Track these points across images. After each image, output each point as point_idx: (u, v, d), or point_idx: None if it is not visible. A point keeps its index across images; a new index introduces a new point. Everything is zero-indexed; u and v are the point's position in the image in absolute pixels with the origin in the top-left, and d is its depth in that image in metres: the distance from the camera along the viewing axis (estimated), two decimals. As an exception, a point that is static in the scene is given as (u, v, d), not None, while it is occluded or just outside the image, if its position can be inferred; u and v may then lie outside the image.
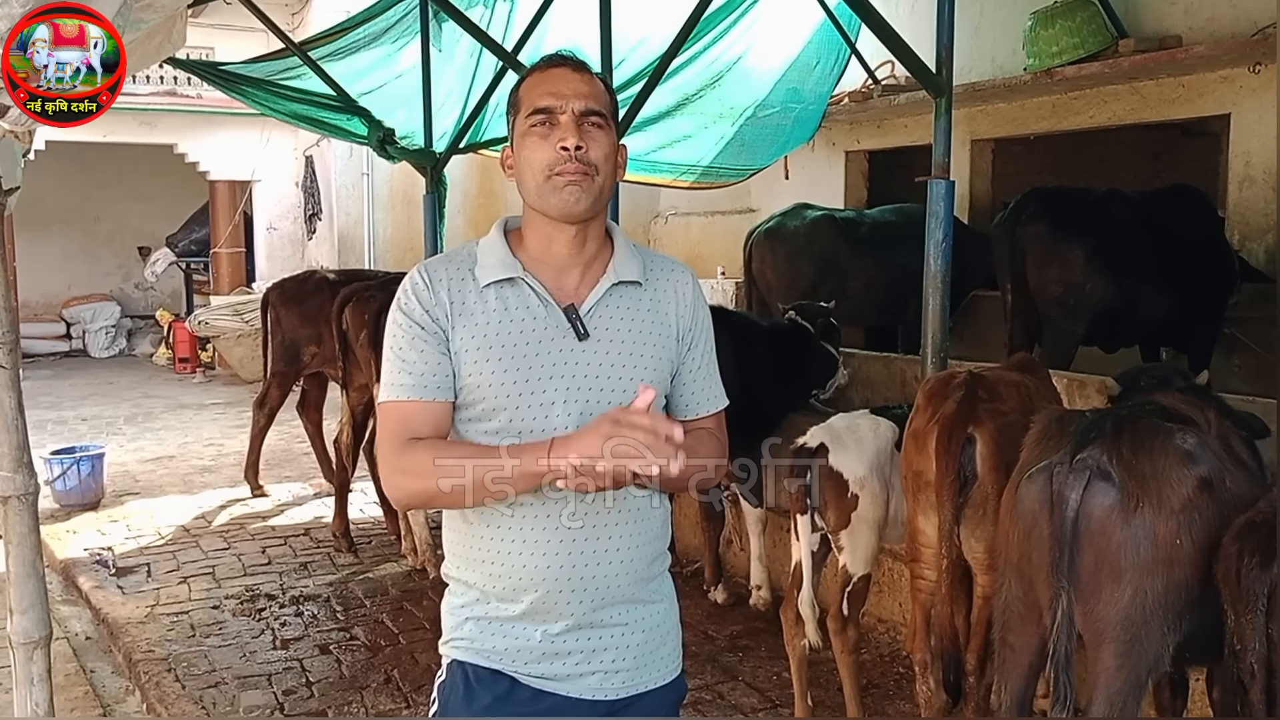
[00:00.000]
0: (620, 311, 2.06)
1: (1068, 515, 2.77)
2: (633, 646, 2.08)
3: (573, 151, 1.95)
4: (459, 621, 2.10)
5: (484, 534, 2.02)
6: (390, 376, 2.03)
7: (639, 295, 2.09)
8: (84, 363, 16.01)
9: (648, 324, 2.08)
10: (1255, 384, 5.64)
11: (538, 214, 2.04)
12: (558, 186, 1.97)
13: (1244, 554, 2.60)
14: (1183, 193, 6.32)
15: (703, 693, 4.53)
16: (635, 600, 2.09)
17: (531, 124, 1.99)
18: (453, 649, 2.11)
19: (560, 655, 2.03)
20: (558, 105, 1.97)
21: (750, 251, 7.70)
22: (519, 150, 2.03)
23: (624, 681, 2.07)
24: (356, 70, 8.30)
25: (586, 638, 2.04)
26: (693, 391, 2.18)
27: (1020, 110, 8.03)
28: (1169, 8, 6.89)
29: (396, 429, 2.00)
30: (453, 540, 2.12)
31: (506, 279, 2.02)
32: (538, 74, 2.04)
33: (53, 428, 10.40)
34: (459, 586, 2.11)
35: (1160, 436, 2.82)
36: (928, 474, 3.55)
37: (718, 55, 7.68)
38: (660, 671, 2.14)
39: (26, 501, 3.08)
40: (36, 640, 3.12)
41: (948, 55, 4.63)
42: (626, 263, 2.09)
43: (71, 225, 17.11)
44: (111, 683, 5.05)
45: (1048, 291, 6.10)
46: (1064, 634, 2.77)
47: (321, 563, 6.39)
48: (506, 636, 2.04)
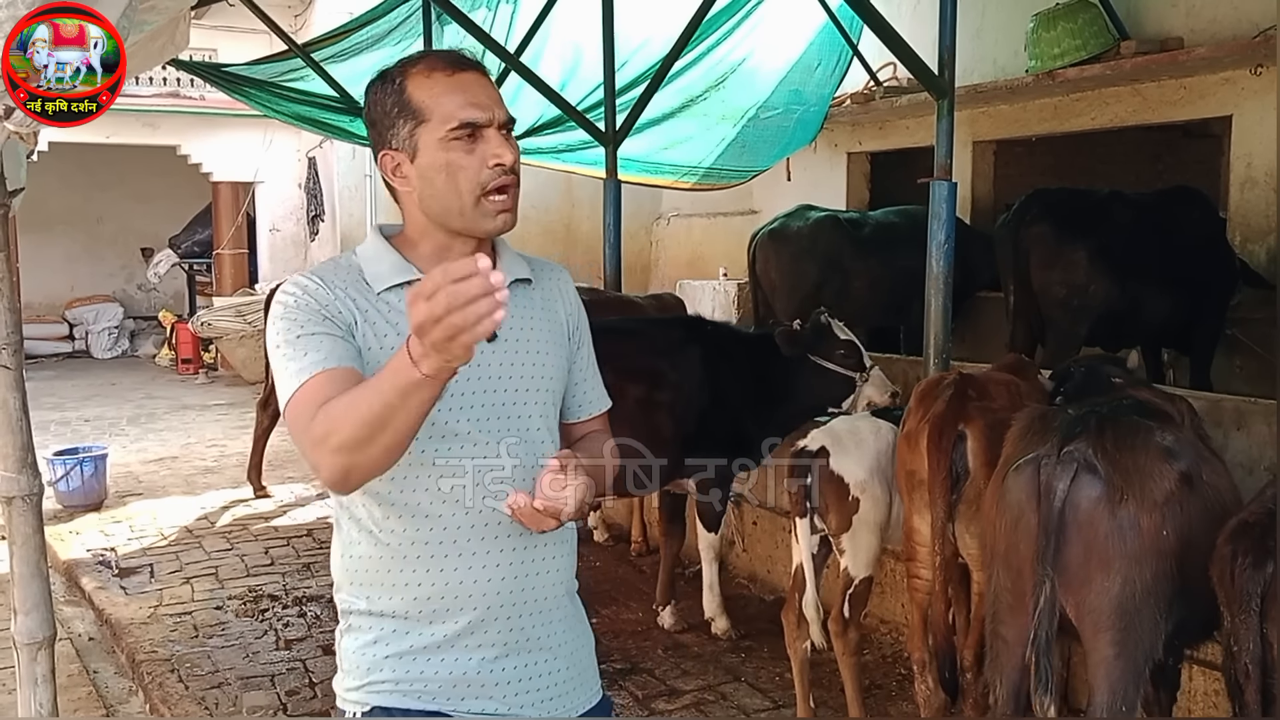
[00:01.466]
0: (519, 311, 1.95)
1: (1055, 505, 2.84)
2: (563, 670, 1.99)
3: (510, 167, 1.84)
4: (374, 662, 1.88)
5: (409, 551, 1.86)
6: (292, 365, 1.76)
7: (531, 295, 2.01)
8: (87, 364, 16.03)
9: (544, 323, 2.01)
10: (1257, 385, 5.64)
11: (437, 227, 1.91)
12: (490, 212, 1.85)
13: (1238, 555, 2.63)
14: (1184, 194, 6.33)
15: (705, 693, 4.53)
16: (565, 616, 2.00)
17: (454, 137, 1.82)
18: (369, 694, 1.89)
19: (499, 685, 1.90)
20: (483, 118, 1.83)
21: (754, 253, 7.70)
22: (432, 165, 1.85)
23: (560, 708, 1.98)
24: (359, 72, 8.30)
25: (523, 663, 1.92)
26: (584, 391, 2.12)
27: (1022, 112, 8.03)
28: (1170, 9, 6.89)
29: (310, 409, 1.69)
30: (358, 566, 1.91)
31: (404, 283, 1.87)
32: (442, 78, 1.85)
33: (56, 429, 10.41)
34: (366, 621, 1.90)
35: (1142, 434, 2.92)
36: (920, 472, 3.57)
37: (722, 56, 7.69)
38: (589, 693, 2.05)
39: (30, 502, 3.09)
40: (40, 641, 3.13)
41: (950, 57, 4.64)
42: (513, 261, 2.00)
43: (75, 226, 17.14)
44: (115, 683, 5.06)
45: (1051, 293, 6.10)
46: (1045, 619, 2.83)
47: (324, 563, 6.38)
48: (440, 667, 1.87)
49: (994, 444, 3.40)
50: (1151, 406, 3.18)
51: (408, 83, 1.86)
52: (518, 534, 1.87)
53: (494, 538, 1.87)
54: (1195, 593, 2.84)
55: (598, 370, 2.15)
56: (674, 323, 5.72)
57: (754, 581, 5.83)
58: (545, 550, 1.94)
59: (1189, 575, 2.83)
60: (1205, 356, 6.09)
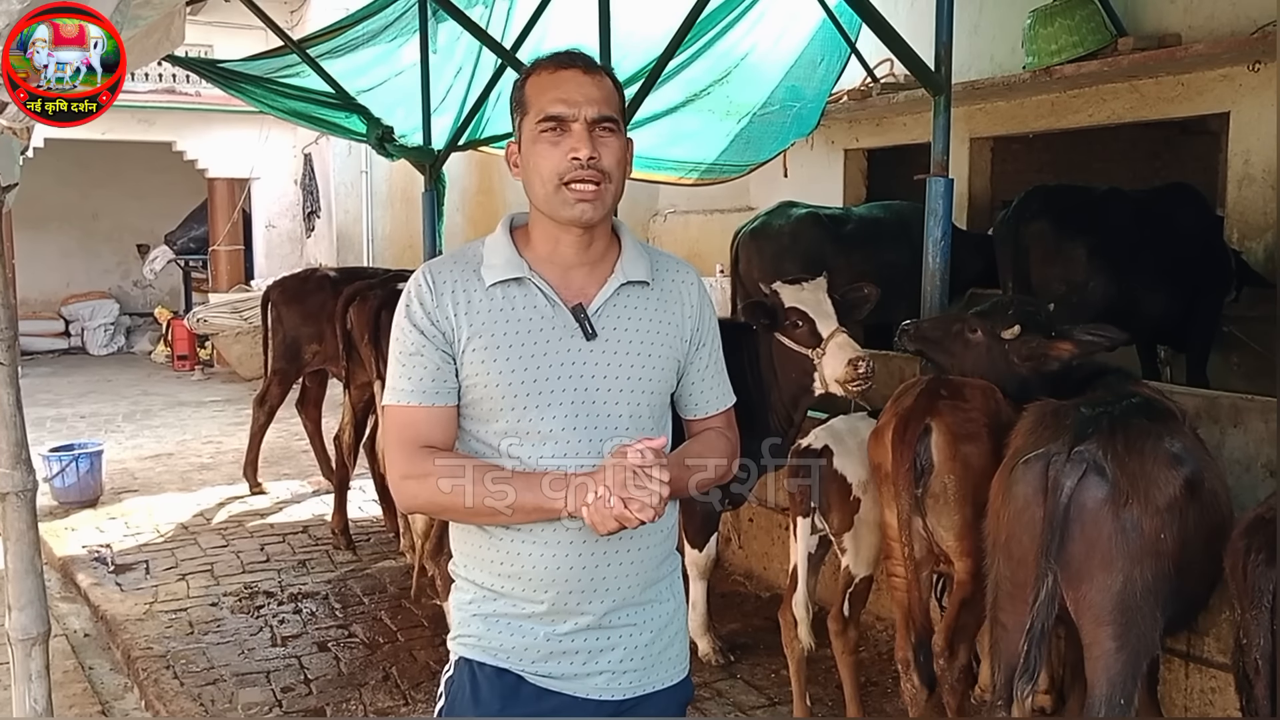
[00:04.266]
0: (628, 311, 2.05)
1: (1061, 501, 2.90)
2: (640, 647, 2.08)
3: (585, 161, 1.94)
4: (466, 618, 2.09)
5: (495, 536, 2.02)
6: (393, 380, 2.04)
7: (647, 295, 2.09)
8: (82, 360, 16.00)
9: (655, 324, 2.08)
10: (1254, 383, 5.64)
11: (545, 216, 2.02)
12: (569, 200, 1.96)
13: (1251, 550, 2.68)
14: (1181, 191, 6.33)
15: (702, 690, 4.53)
16: (645, 601, 2.08)
17: (542, 130, 1.97)
18: (460, 645, 2.10)
19: (567, 654, 2.03)
20: (570, 114, 1.95)
21: (736, 251, 7.66)
22: (528, 154, 2.01)
23: (631, 682, 2.07)
24: (355, 68, 8.29)
25: (595, 637, 2.04)
26: (701, 391, 2.18)
27: (1019, 108, 8.03)
28: (1168, 6, 6.89)
29: (403, 435, 2.02)
30: (461, 540, 2.11)
31: (513, 278, 2.01)
32: (546, 75, 2.00)
33: (51, 425, 10.40)
34: (466, 584, 2.10)
35: (1151, 439, 2.99)
36: (886, 465, 3.57)
37: (726, 50, 7.66)
38: (668, 672, 2.14)
39: (25, 498, 3.09)
40: (35, 637, 3.13)
41: (946, 53, 4.64)
42: (634, 262, 2.08)
43: (70, 223, 17.10)
44: (110, 679, 5.05)
45: (1050, 289, 6.09)
46: (1044, 611, 2.89)
47: (320, 560, 6.38)
48: (514, 634, 2.03)
49: (960, 439, 3.46)
50: (1158, 406, 3.23)
51: (527, 79, 2.04)
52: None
53: (566, 529, 1.98)
54: (1185, 590, 2.96)
55: (724, 368, 2.23)
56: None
57: (750, 578, 5.82)
58: (622, 544, 2.01)
59: (1183, 574, 2.93)
60: (1202, 353, 6.10)
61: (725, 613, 5.34)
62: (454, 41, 8.08)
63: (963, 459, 3.46)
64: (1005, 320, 3.86)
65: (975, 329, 3.91)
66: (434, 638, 4.94)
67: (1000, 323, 3.86)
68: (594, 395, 2.00)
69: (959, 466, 3.46)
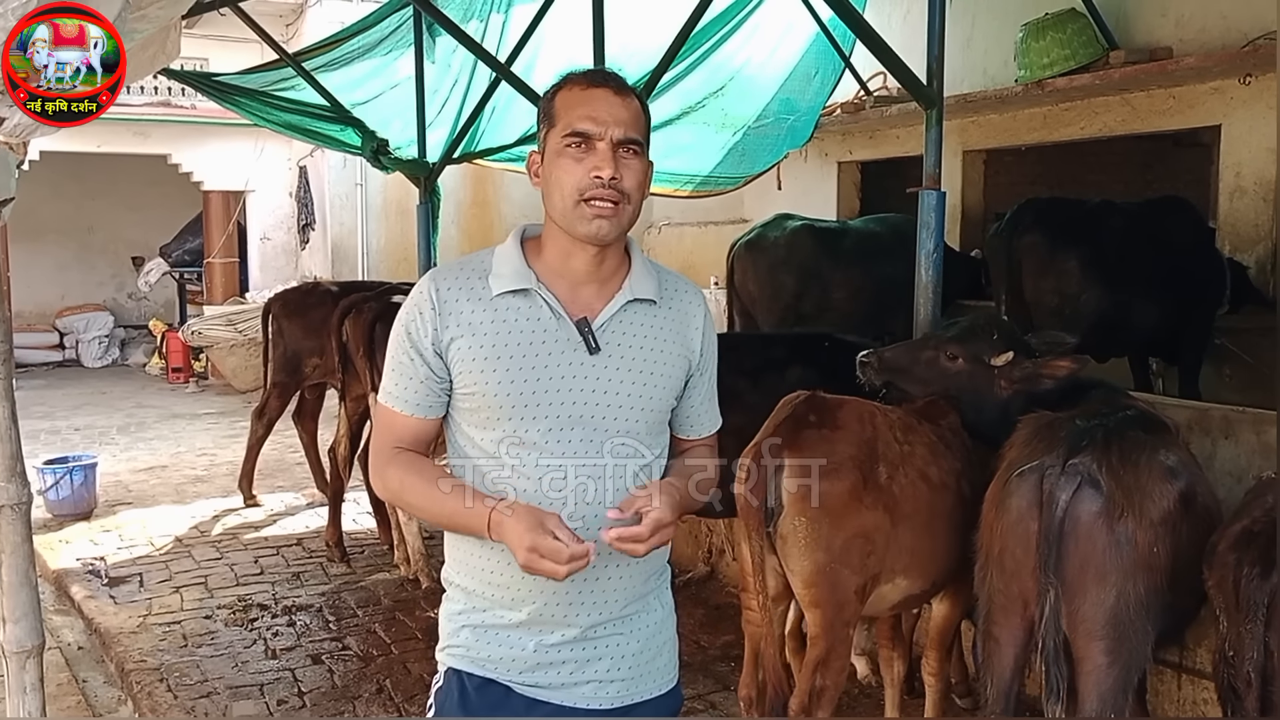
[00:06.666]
0: (634, 329, 2.07)
1: (1056, 515, 2.89)
2: (628, 656, 2.08)
3: (606, 180, 1.95)
4: (455, 629, 2.11)
5: (485, 543, 2.01)
6: (385, 379, 2.10)
7: (654, 314, 2.10)
8: (77, 372, 15.97)
9: (661, 343, 2.09)
10: (1247, 395, 5.66)
11: (560, 230, 2.03)
12: (586, 216, 1.97)
13: (1243, 563, 2.66)
14: (1173, 204, 6.35)
15: (695, 702, 4.53)
16: (631, 614, 2.09)
17: (566, 144, 1.98)
18: (449, 656, 2.12)
19: (555, 665, 2.04)
20: (597, 131, 1.96)
21: (732, 264, 7.66)
22: (550, 166, 2.02)
23: (619, 691, 2.08)
24: (350, 81, 8.31)
25: (582, 648, 2.04)
26: (698, 414, 2.21)
27: (1012, 121, 8.06)
28: (1160, 19, 6.92)
29: (385, 433, 2.12)
30: (453, 545, 2.13)
31: (520, 289, 2.02)
32: (578, 90, 2.01)
33: (45, 437, 10.36)
34: (457, 593, 2.12)
35: (1146, 452, 2.99)
36: (743, 498, 3.34)
37: (720, 63, 7.68)
38: (656, 682, 2.14)
39: (19, 511, 3.08)
40: (29, 649, 3.12)
41: (938, 67, 4.66)
42: (643, 280, 2.10)
43: (65, 235, 17.08)
44: (104, 692, 5.04)
45: (1044, 302, 6.11)
46: (1052, 628, 2.89)
47: (314, 572, 6.38)
48: (502, 645, 2.05)
49: (821, 478, 3.22)
50: (1151, 419, 3.23)
51: (558, 92, 2.05)
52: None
53: None
54: (1177, 604, 2.96)
55: (715, 392, 2.26)
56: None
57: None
58: (610, 557, 2.01)
59: (1175, 588, 2.93)
60: (1194, 365, 6.11)
61: (719, 625, 5.34)
62: (449, 55, 8.10)
63: (820, 499, 3.22)
64: (992, 346, 3.71)
65: (956, 356, 3.76)
66: (427, 650, 4.90)
67: (986, 349, 3.71)
68: (593, 410, 2.01)
69: (810, 509, 3.23)
